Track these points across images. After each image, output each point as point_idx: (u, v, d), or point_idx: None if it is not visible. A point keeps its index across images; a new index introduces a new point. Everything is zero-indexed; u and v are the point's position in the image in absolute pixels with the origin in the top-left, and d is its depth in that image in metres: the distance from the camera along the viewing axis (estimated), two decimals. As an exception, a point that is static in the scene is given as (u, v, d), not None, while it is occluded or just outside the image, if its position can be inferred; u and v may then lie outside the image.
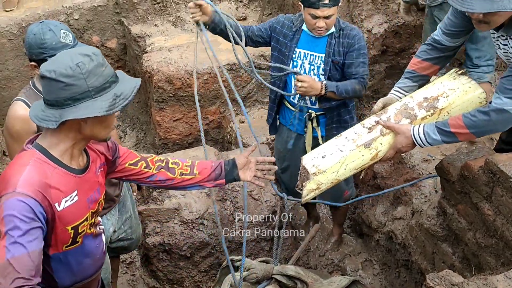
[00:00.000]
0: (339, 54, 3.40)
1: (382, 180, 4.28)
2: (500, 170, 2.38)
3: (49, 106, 1.89)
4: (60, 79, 1.83)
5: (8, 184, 1.87)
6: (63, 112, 1.86)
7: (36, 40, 2.58)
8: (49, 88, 1.87)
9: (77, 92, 1.85)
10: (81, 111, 1.85)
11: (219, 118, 5.36)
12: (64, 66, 1.84)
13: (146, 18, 5.71)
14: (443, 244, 2.99)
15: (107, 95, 1.88)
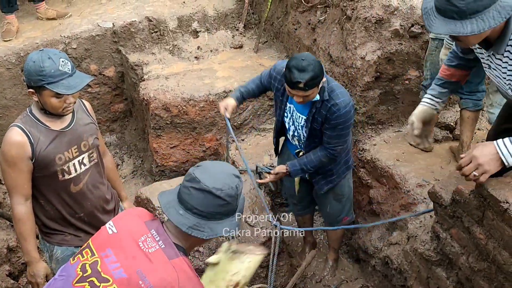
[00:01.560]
0: (317, 122, 3.45)
1: (377, 206, 4.29)
2: (490, 194, 2.39)
3: (196, 215, 2.03)
4: (225, 198, 2.03)
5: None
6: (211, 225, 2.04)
7: (35, 67, 2.63)
8: (208, 202, 2.02)
9: (229, 210, 2.08)
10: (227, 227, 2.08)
11: (216, 145, 5.40)
12: (228, 187, 2.04)
13: (143, 46, 5.79)
14: (437, 268, 2.99)
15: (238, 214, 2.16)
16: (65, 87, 2.67)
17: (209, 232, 2.02)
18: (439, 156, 4.25)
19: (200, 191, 2.01)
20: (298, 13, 5.38)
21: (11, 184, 2.81)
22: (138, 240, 2.05)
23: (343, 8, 4.61)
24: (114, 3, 6.12)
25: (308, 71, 3.13)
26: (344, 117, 3.36)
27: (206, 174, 2.04)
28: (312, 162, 3.57)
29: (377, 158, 4.32)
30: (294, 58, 3.21)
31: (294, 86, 3.18)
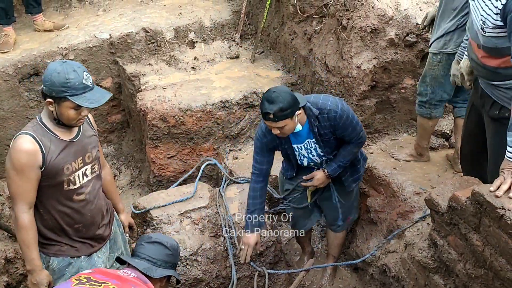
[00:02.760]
0: (327, 135, 3.53)
1: (375, 214, 4.30)
2: (487, 200, 2.41)
3: (149, 262, 2.65)
4: (171, 249, 2.75)
5: None
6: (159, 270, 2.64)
7: (60, 78, 2.63)
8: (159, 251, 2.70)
9: (172, 262, 2.76)
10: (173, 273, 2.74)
11: (213, 155, 5.40)
12: (172, 243, 2.80)
13: (140, 57, 5.82)
14: (434, 276, 3.00)
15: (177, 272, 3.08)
16: (88, 100, 2.70)
17: (159, 274, 2.60)
18: (436, 164, 4.27)
19: (151, 243, 2.69)
20: (294, 24, 5.42)
21: (16, 192, 2.80)
22: (117, 272, 2.52)
23: (339, 18, 4.65)
24: (111, 15, 6.14)
25: (277, 103, 3.20)
26: (344, 113, 3.44)
27: (156, 235, 2.81)
28: (345, 156, 3.66)
29: (374, 166, 4.34)
30: (267, 91, 3.32)
31: (264, 117, 3.27)
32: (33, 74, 5.46)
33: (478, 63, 2.76)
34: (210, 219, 4.13)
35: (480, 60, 2.73)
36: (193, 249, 3.98)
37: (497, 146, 2.95)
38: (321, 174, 3.75)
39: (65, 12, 6.27)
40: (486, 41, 2.59)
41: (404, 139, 4.65)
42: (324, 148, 3.61)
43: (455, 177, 3.85)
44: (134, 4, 6.40)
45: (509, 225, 2.28)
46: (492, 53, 2.63)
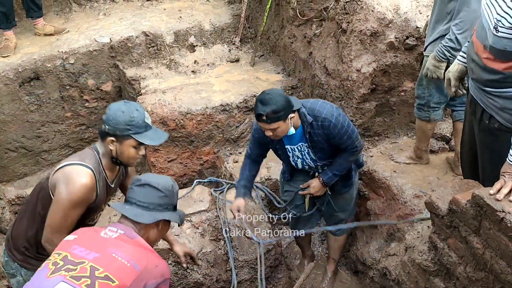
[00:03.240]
0: (320, 142, 3.54)
1: (375, 217, 4.30)
2: (487, 203, 2.40)
3: (139, 207, 2.45)
4: (163, 190, 2.48)
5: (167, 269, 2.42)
6: (153, 214, 2.45)
7: (125, 117, 2.71)
8: (149, 194, 2.46)
9: (167, 203, 2.51)
10: (169, 217, 2.52)
11: (213, 158, 5.41)
12: (165, 183, 2.51)
13: (140, 61, 5.83)
14: (435, 279, 3.00)
15: (178, 213, 2.61)
16: (149, 138, 2.79)
17: (152, 218, 2.42)
18: (436, 167, 4.27)
19: (141, 186, 2.46)
20: (294, 27, 5.43)
21: (61, 223, 2.75)
22: (100, 232, 2.36)
23: (339, 22, 4.65)
24: (111, 19, 6.16)
25: (270, 105, 3.22)
26: (339, 122, 3.44)
27: (146, 176, 2.54)
28: (341, 165, 3.67)
29: (374, 169, 4.34)
30: (262, 93, 3.34)
31: (257, 118, 3.30)
32: (33, 78, 5.48)
33: (479, 64, 2.75)
34: (210, 222, 4.13)
35: (483, 61, 2.72)
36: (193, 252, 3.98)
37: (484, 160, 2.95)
38: (316, 182, 3.77)
39: (65, 16, 6.30)
40: (496, 42, 2.55)
41: (404, 142, 4.65)
42: (316, 153, 3.62)
43: (455, 180, 3.84)
44: (134, 8, 6.42)
45: (509, 228, 2.28)
46: (498, 55, 2.60)
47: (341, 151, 3.63)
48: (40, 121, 5.72)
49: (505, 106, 2.69)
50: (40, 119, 5.70)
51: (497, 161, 2.67)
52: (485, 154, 2.95)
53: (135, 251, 2.28)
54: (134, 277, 2.19)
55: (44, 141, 5.83)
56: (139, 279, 2.20)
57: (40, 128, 5.74)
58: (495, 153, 2.81)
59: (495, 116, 2.76)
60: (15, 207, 4.82)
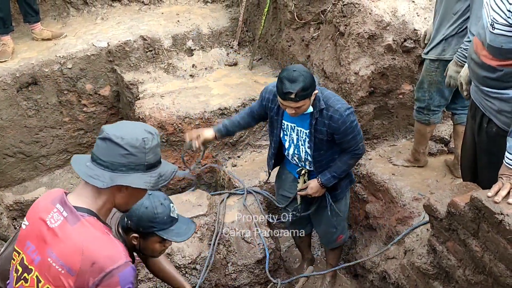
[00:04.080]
0: (322, 133, 3.46)
1: (374, 220, 4.29)
2: (485, 206, 2.39)
3: (99, 165, 1.98)
4: (125, 146, 1.96)
5: (113, 258, 1.96)
6: (114, 176, 1.96)
7: (148, 213, 2.57)
8: (109, 151, 1.97)
9: (134, 163, 1.98)
10: (132, 180, 1.97)
11: (212, 162, 5.39)
12: (131, 137, 1.98)
13: (138, 65, 5.82)
14: (434, 282, 2.98)
15: (154, 173, 2.03)
16: (175, 234, 2.64)
17: (108, 182, 1.95)
18: (435, 170, 4.26)
19: (102, 140, 2.00)
20: (291, 30, 5.43)
21: None
22: (46, 220, 2.03)
23: (336, 24, 4.65)
24: (109, 23, 6.15)
25: (299, 82, 3.14)
26: (349, 119, 3.38)
27: (114, 126, 2.05)
28: (340, 168, 3.60)
29: (373, 172, 4.33)
30: (285, 69, 3.24)
31: (285, 96, 3.18)
32: (31, 83, 5.47)
33: (478, 62, 2.74)
34: (209, 227, 4.12)
35: (481, 58, 2.71)
36: (192, 257, 3.96)
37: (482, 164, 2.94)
38: (315, 183, 3.70)
39: (63, 20, 6.29)
40: (492, 39, 2.55)
41: (403, 145, 4.64)
42: (313, 145, 3.54)
43: (453, 182, 3.84)
44: (132, 12, 6.41)
45: (507, 231, 2.27)
46: (496, 53, 2.60)
47: (342, 153, 3.58)
48: (38, 126, 5.70)
49: (502, 108, 2.69)
50: (38, 124, 5.69)
51: (495, 165, 2.66)
52: (483, 158, 2.94)
53: (69, 250, 1.96)
54: (71, 284, 1.95)
55: (42, 146, 5.81)
56: (77, 284, 1.95)
57: (38, 133, 5.73)
58: (493, 157, 2.80)
59: (493, 119, 2.76)
60: (13, 213, 4.81)
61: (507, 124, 2.68)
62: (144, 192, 2.11)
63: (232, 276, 4.04)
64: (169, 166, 2.13)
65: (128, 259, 1.99)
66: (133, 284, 1.99)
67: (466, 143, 3.22)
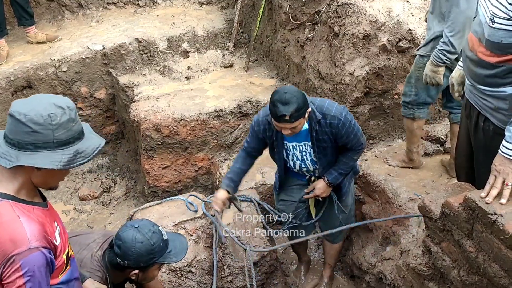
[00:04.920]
0: (325, 142, 3.47)
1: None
2: (479, 206, 2.38)
3: (8, 144, 1.86)
4: (28, 124, 1.82)
5: (15, 243, 1.84)
6: (20, 155, 1.84)
7: (146, 247, 2.55)
8: (14, 128, 1.84)
9: (41, 140, 1.84)
10: (38, 160, 1.84)
11: (208, 164, 5.38)
12: (35, 113, 1.82)
13: (134, 68, 5.81)
14: (429, 283, 2.97)
15: (69, 150, 1.89)
16: (174, 255, 2.65)
17: (14, 161, 1.82)
18: (430, 170, 4.24)
19: (9, 116, 1.86)
20: (287, 31, 5.41)
21: None
22: None
23: (331, 25, 4.64)
24: (104, 26, 6.14)
25: (292, 103, 3.15)
26: (348, 120, 3.40)
27: (22, 101, 1.91)
28: (345, 163, 3.61)
29: (369, 173, 4.31)
30: (276, 92, 3.25)
31: (280, 119, 3.20)
32: (26, 86, 5.46)
33: (474, 59, 2.72)
34: (204, 229, 4.10)
35: (478, 55, 2.69)
36: (187, 260, 3.94)
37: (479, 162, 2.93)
38: (322, 183, 3.68)
39: (58, 23, 6.28)
40: (492, 34, 2.53)
41: (399, 145, 4.62)
42: (318, 154, 3.56)
43: (448, 183, 3.82)
44: (127, 15, 6.40)
45: (501, 231, 2.26)
46: (494, 49, 2.57)
47: (345, 150, 3.58)
48: (34, 130, 5.68)
49: (499, 106, 2.67)
50: (33, 128, 5.66)
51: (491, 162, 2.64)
52: (480, 157, 2.93)
53: None
54: None
55: (38, 149, 5.80)
56: None
57: (34, 136, 5.70)
58: (490, 155, 2.78)
59: (489, 117, 2.74)
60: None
61: (504, 122, 2.67)
62: (62, 172, 1.97)
63: (228, 279, 4.01)
64: (94, 141, 1.99)
65: (38, 244, 1.86)
66: (41, 271, 1.86)
67: (461, 143, 3.20)
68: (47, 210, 2.03)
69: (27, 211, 1.92)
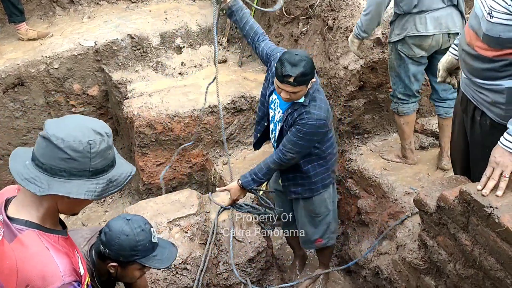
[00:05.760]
0: (287, 124, 3.36)
1: (366, 215, 4.25)
2: (474, 199, 2.35)
3: (38, 168, 1.72)
4: (66, 150, 1.69)
5: (48, 279, 1.73)
6: (52, 182, 1.70)
7: (129, 242, 2.46)
8: (48, 153, 1.70)
9: (76, 168, 1.72)
10: (71, 189, 1.71)
11: (203, 161, 5.35)
12: (74, 139, 1.70)
13: (126, 64, 5.76)
14: (426, 277, 2.94)
15: (103, 179, 1.77)
16: (158, 261, 2.53)
17: (45, 189, 1.68)
18: (426, 163, 4.22)
19: (42, 139, 1.71)
20: (280, 26, 5.38)
21: None
22: None
23: (325, 19, 4.60)
24: (96, 22, 6.08)
25: (300, 66, 3.07)
26: (309, 128, 3.26)
27: (57, 123, 1.76)
28: (261, 169, 3.47)
29: (364, 167, 4.29)
30: (287, 52, 3.17)
31: (283, 79, 3.10)
32: (17, 84, 5.41)
33: (471, 53, 2.69)
34: (199, 226, 4.07)
35: (475, 49, 2.66)
36: (182, 257, 3.91)
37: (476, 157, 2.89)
38: (235, 186, 3.58)
39: (49, 20, 6.21)
40: (490, 29, 2.48)
41: (394, 139, 4.60)
42: (278, 134, 3.46)
43: (444, 176, 3.80)
44: (119, 11, 6.34)
45: (497, 224, 2.23)
46: (492, 43, 2.53)
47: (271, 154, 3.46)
48: (26, 128, 5.64)
49: (496, 100, 2.64)
50: (25, 126, 5.63)
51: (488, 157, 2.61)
52: (477, 151, 2.89)
53: (6, 270, 1.75)
54: None
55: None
56: None
57: (26, 134, 5.66)
58: (488, 149, 2.75)
59: (486, 112, 2.71)
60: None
61: (501, 117, 2.64)
62: (90, 200, 1.82)
63: (223, 276, 3.99)
64: (124, 168, 1.86)
65: (70, 279, 1.76)
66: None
67: (456, 137, 3.17)
68: (67, 239, 1.92)
69: (54, 241, 1.81)
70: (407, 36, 3.69)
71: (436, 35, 3.64)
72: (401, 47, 3.74)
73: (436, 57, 3.78)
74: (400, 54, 3.79)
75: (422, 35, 3.65)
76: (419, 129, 4.50)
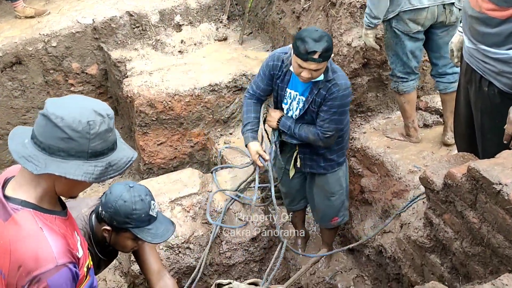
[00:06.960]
0: (316, 104, 3.34)
1: (369, 194, 4.22)
2: (483, 176, 2.31)
3: (36, 146, 1.68)
4: (65, 129, 1.64)
5: (41, 260, 1.69)
6: (49, 161, 1.66)
7: (126, 208, 2.41)
8: (47, 131, 1.66)
9: (75, 149, 1.67)
10: (69, 170, 1.67)
11: (204, 140, 5.31)
12: (73, 119, 1.65)
13: (125, 42, 5.68)
14: (431, 255, 2.92)
15: (102, 162, 1.72)
16: (152, 235, 2.48)
17: (42, 168, 1.64)
18: (430, 141, 4.18)
19: (42, 117, 1.67)
20: (282, 2, 5.30)
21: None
22: None
23: (327, -6, 4.52)
24: (94, -1, 5.99)
25: (323, 41, 3.03)
26: (341, 100, 3.28)
27: (58, 102, 1.72)
28: (301, 131, 3.46)
29: (368, 146, 4.25)
30: (305, 30, 3.13)
31: (307, 57, 3.04)
32: (15, 62, 5.35)
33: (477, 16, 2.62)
34: (201, 205, 4.05)
35: (483, 12, 2.58)
36: (185, 236, 3.91)
37: (485, 128, 2.85)
38: (276, 113, 3.56)
39: (46, -3, 6.12)
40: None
41: (398, 117, 4.54)
42: (302, 113, 3.43)
43: (449, 153, 3.76)
44: (117, -13, 6.23)
45: (506, 201, 2.19)
46: (501, 2, 2.47)
47: (313, 125, 3.44)
48: (25, 107, 5.59)
49: (503, 69, 2.61)
50: (24, 105, 5.57)
51: (499, 126, 2.57)
52: (486, 122, 2.85)
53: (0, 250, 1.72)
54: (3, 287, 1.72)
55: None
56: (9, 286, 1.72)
57: (25, 114, 5.61)
58: (496, 118, 2.71)
59: (493, 81, 2.67)
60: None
61: (509, 86, 2.61)
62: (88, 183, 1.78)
63: (226, 255, 3.99)
64: (125, 153, 1.80)
65: (64, 261, 1.72)
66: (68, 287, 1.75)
67: (460, 110, 3.13)
68: (66, 220, 1.88)
69: (49, 222, 1.76)
70: (401, 12, 3.63)
71: (431, 7, 3.59)
72: (396, 23, 3.70)
73: (433, 31, 3.74)
74: (395, 32, 3.75)
75: (416, 9, 3.60)
76: (422, 106, 4.45)
